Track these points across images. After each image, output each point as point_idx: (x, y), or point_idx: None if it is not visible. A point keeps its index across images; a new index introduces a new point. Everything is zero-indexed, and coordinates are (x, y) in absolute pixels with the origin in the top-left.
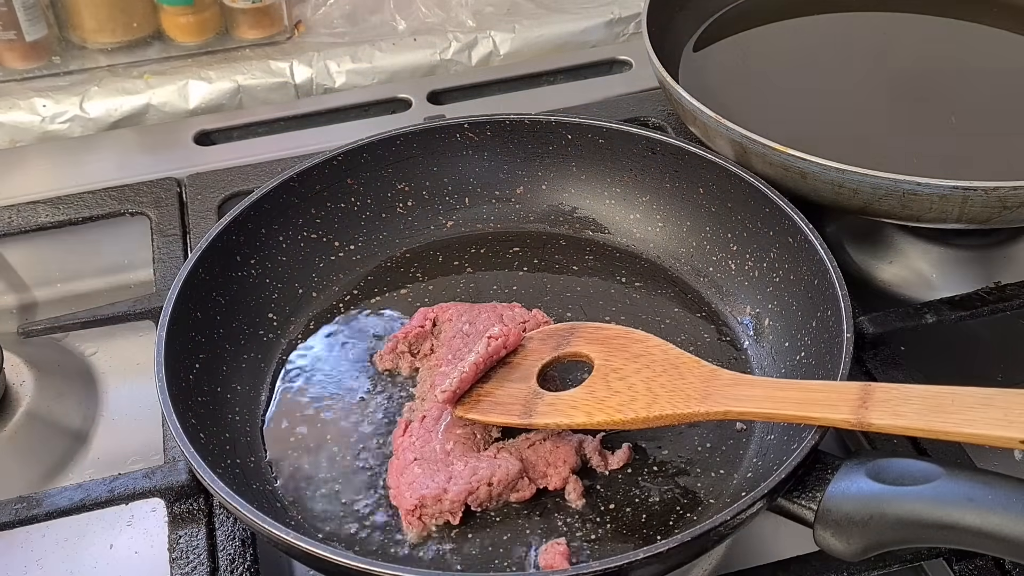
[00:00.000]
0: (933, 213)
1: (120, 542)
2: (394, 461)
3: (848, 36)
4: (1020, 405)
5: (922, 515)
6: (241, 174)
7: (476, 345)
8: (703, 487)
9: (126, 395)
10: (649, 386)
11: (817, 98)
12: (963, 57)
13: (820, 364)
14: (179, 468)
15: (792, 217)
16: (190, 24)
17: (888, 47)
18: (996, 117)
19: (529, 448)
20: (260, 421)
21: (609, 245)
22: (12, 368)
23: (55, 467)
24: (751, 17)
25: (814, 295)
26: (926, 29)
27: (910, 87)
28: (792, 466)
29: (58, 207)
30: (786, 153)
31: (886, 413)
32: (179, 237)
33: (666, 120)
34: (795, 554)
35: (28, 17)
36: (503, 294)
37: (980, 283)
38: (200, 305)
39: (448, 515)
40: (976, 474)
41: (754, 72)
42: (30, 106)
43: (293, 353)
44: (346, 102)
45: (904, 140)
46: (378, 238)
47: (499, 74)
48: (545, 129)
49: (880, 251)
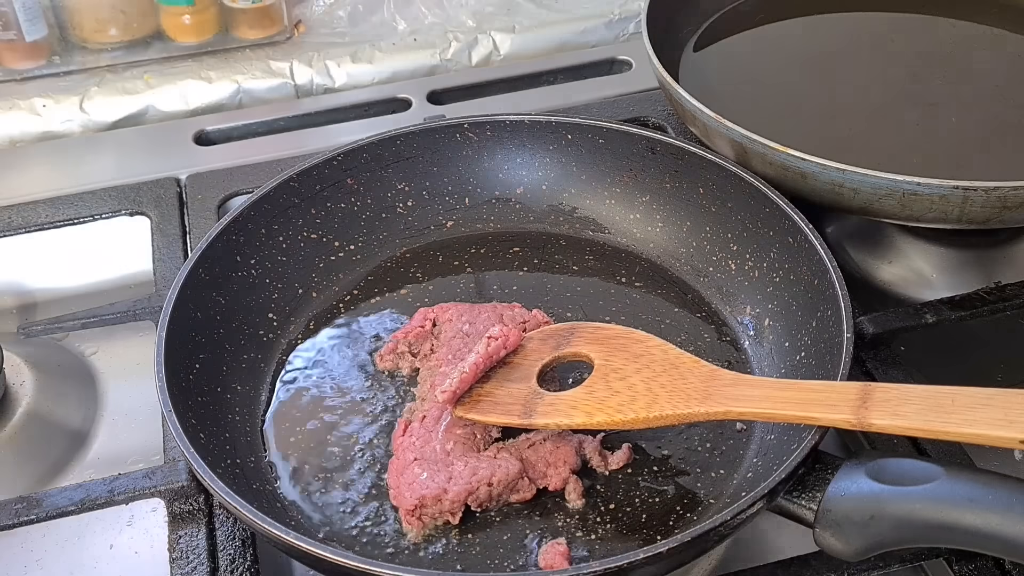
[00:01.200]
0: (933, 213)
1: (120, 542)
2: (394, 461)
3: (848, 36)
4: (1020, 405)
5: (922, 515)
6: (241, 174)
7: (476, 345)
8: (703, 487)
9: (126, 395)
10: (649, 386)
11: (817, 98)
12: (963, 57)
13: (820, 364)
14: (179, 468)
15: (792, 217)
16: (190, 24)
17: (888, 47)
18: (996, 117)
19: (529, 448)
20: (260, 421)
21: (609, 245)
22: (12, 368)
23: (55, 467)
24: (751, 17)
25: (814, 295)
26: (926, 29)
27: (910, 87)
28: (792, 466)
29: (58, 207)
30: (786, 153)
31: (886, 413)
32: (179, 237)
33: (666, 120)
34: (795, 554)
35: (28, 17)
36: (503, 294)
37: (980, 283)
38: (200, 305)
39: (448, 515)
40: (976, 474)
41: (754, 72)
42: (30, 106)
43: (293, 353)
44: (346, 102)
45: (904, 140)
46: (378, 238)
47: (499, 74)
48: (545, 129)
49: (880, 251)
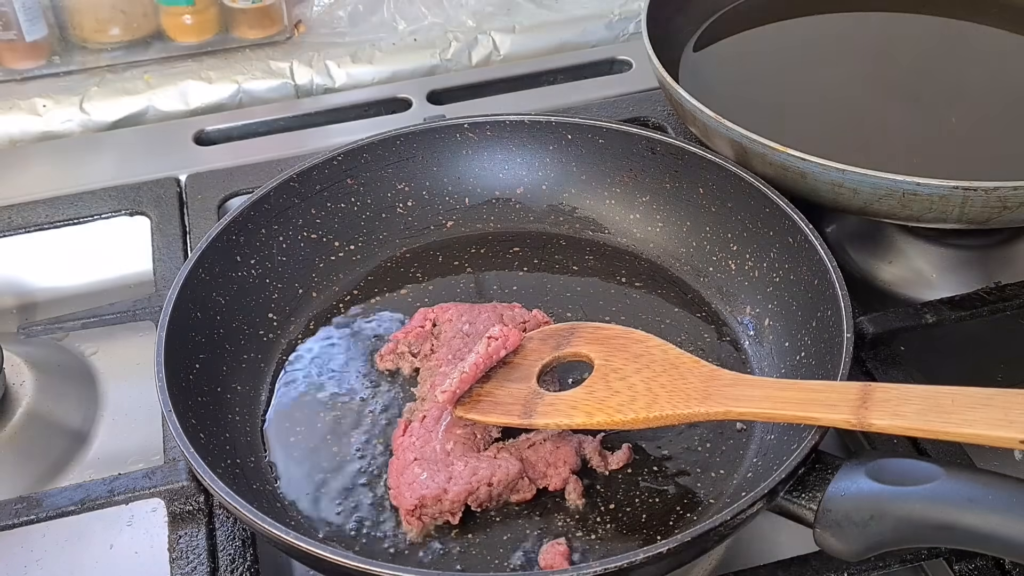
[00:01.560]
0: (933, 213)
1: (120, 542)
2: (394, 461)
3: (848, 36)
4: (1020, 405)
5: (922, 515)
6: (241, 174)
7: (476, 345)
8: (703, 487)
9: (126, 395)
10: (649, 386)
11: (817, 98)
12: (963, 57)
13: (820, 364)
14: (179, 468)
15: (792, 217)
16: (190, 24)
17: (888, 47)
18: (996, 117)
19: (529, 448)
20: (260, 421)
21: (609, 245)
22: (12, 368)
23: (55, 467)
24: (751, 17)
25: (814, 295)
26: (926, 29)
27: (910, 87)
28: (792, 466)
29: (58, 207)
30: (786, 153)
31: (886, 413)
32: (179, 237)
33: (666, 120)
34: (795, 554)
35: (28, 17)
36: (503, 294)
37: (980, 283)
38: (200, 305)
39: (448, 515)
40: (976, 474)
41: (754, 72)
42: (30, 106)
43: (293, 353)
44: (346, 102)
45: (904, 140)
46: (378, 238)
47: (499, 74)
48: (545, 129)
49: (880, 251)
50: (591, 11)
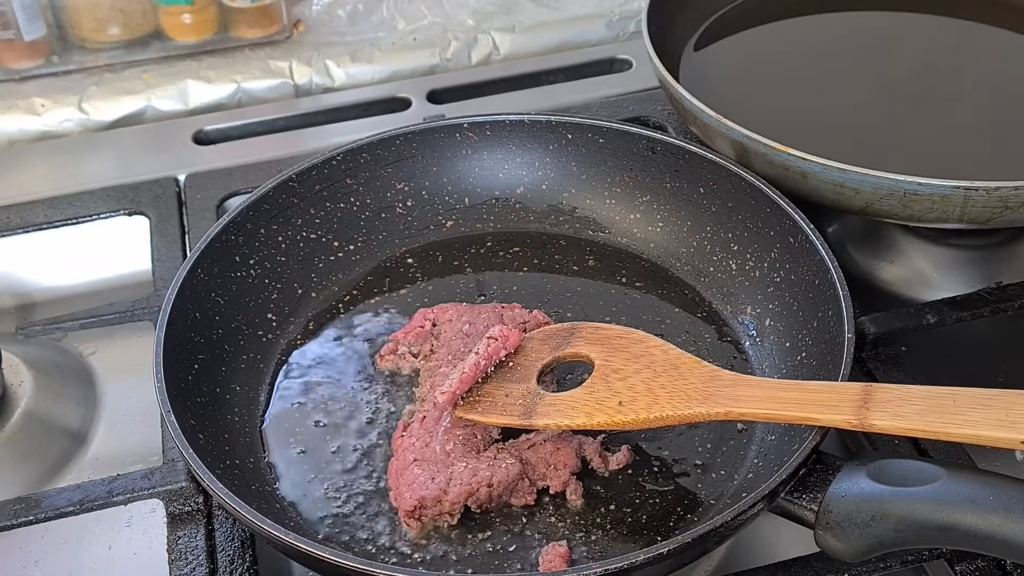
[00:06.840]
0: (934, 213)
1: (119, 543)
2: (394, 462)
3: (848, 36)
4: (1021, 406)
5: (923, 516)
6: (240, 174)
7: (476, 346)
8: (704, 488)
9: (125, 395)
10: (649, 387)
11: (817, 98)
12: (963, 57)
13: (821, 364)
14: (178, 469)
15: (793, 217)
16: (189, 23)
17: (888, 47)
18: (996, 117)
19: (529, 449)
20: (259, 422)
21: (609, 245)
22: (11, 368)
23: (54, 468)
24: (751, 17)
25: (815, 295)
26: (926, 29)
27: (910, 87)
28: (793, 467)
29: (56, 207)
30: (787, 153)
31: (887, 414)
32: (178, 237)
33: (666, 120)
34: (796, 555)
35: (26, 16)
36: (503, 294)
37: (981, 283)
38: (199, 305)
39: (448, 516)
40: (977, 475)
41: (754, 72)
42: (28, 105)
43: (292, 354)
44: (346, 102)
45: (905, 140)
46: (378, 238)
47: (499, 74)
48: (545, 129)
49: (881, 251)
50: (591, 10)
